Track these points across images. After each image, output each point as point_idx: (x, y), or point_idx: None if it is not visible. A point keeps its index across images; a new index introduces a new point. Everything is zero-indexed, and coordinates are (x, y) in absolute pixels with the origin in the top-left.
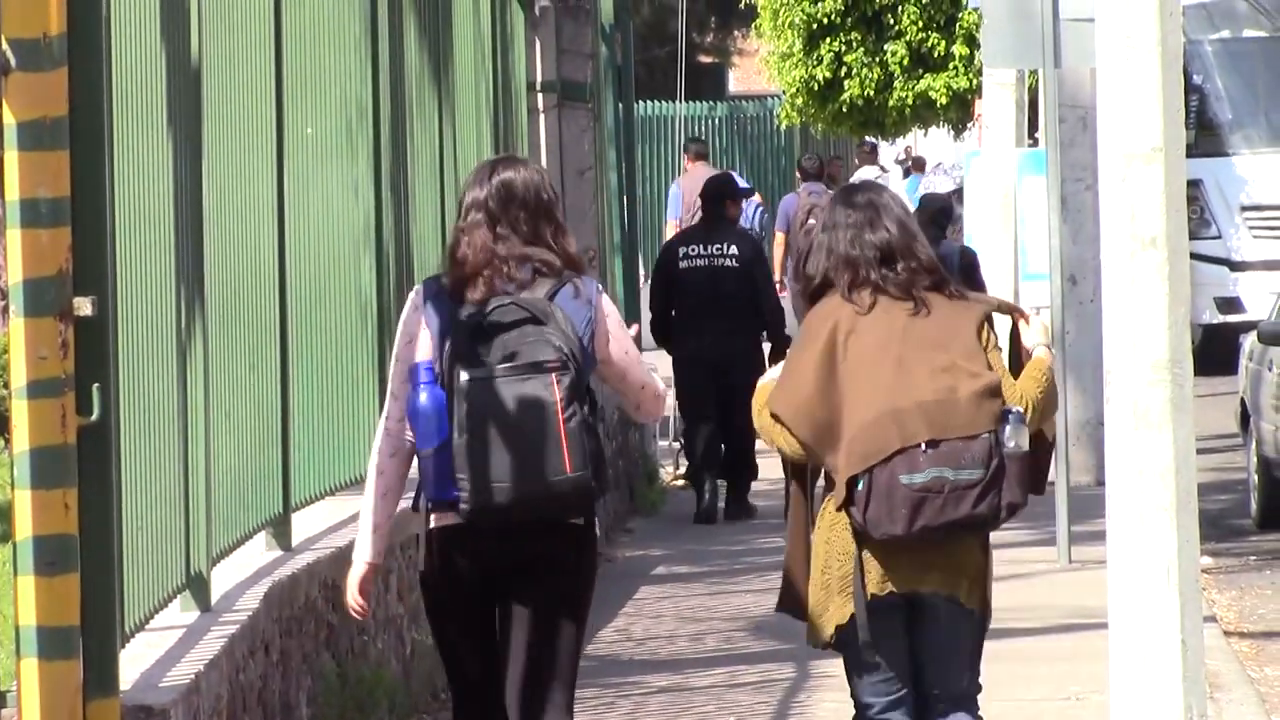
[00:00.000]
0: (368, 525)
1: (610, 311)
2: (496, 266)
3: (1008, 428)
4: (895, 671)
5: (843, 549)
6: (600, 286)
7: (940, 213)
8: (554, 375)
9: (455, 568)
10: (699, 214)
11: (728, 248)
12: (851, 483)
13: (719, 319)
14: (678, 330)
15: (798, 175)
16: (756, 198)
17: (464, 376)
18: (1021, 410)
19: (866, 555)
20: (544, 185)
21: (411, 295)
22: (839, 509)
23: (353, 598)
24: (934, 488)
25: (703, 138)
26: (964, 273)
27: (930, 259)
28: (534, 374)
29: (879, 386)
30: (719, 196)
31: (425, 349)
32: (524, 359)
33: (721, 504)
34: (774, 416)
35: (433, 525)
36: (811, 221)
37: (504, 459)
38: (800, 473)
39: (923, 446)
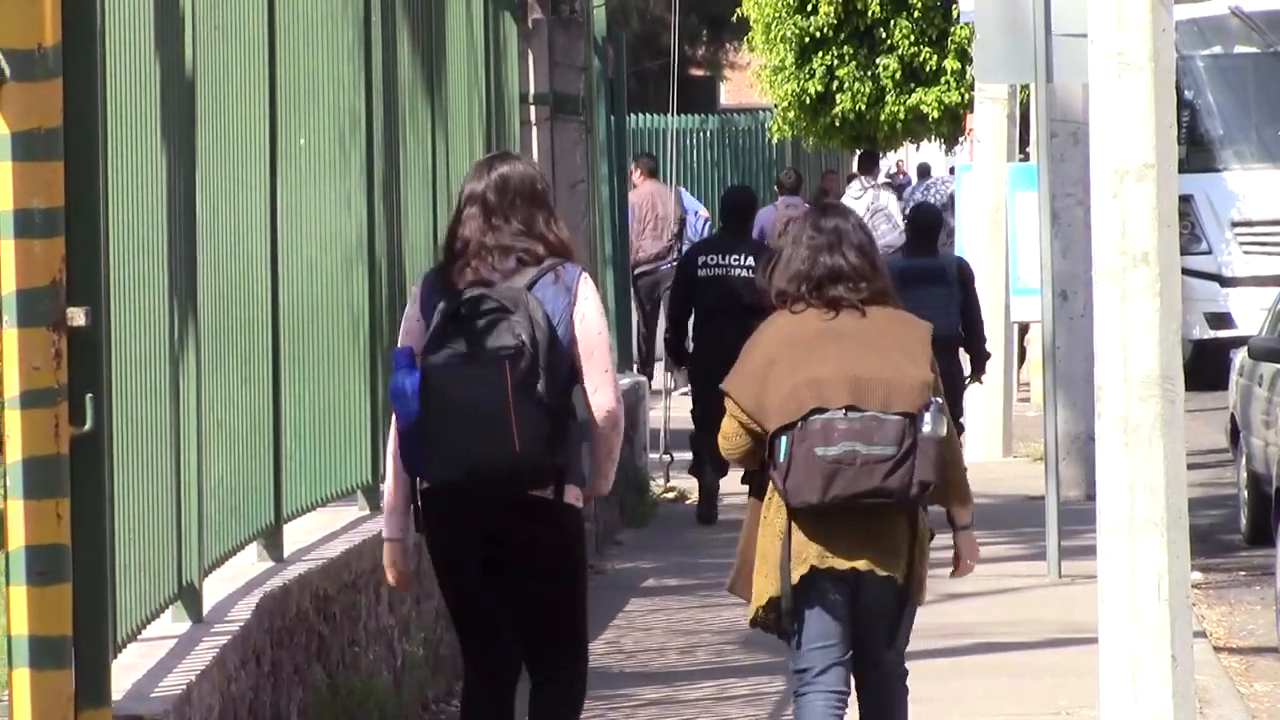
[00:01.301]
0: (388, 505)
1: (588, 295)
2: (483, 257)
3: (928, 414)
4: (832, 639)
5: (780, 530)
6: (585, 273)
7: (931, 224)
8: (508, 361)
9: (439, 531)
10: (650, 228)
11: (745, 258)
12: (773, 442)
13: (733, 328)
14: (696, 338)
15: (776, 189)
16: (704, 211)
17: (430, 360)
18: (943, 403)
19: (805, 532)
20: (538, 177)
21: (417, 283)
22: (770, 471)
23: (389, 575)
24: (846, 460)
25: (653, 153)
26: (961, 285)
27: (885, 285)
28: (491, 360)
29: (810, 361)
30: (740, 209)
31: (407, 334)
32: (484, 345)
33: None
34: (724, 395)
35: (418, 491)
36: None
37: (460, 436)
38: (752, 474)
39: (841, 413)
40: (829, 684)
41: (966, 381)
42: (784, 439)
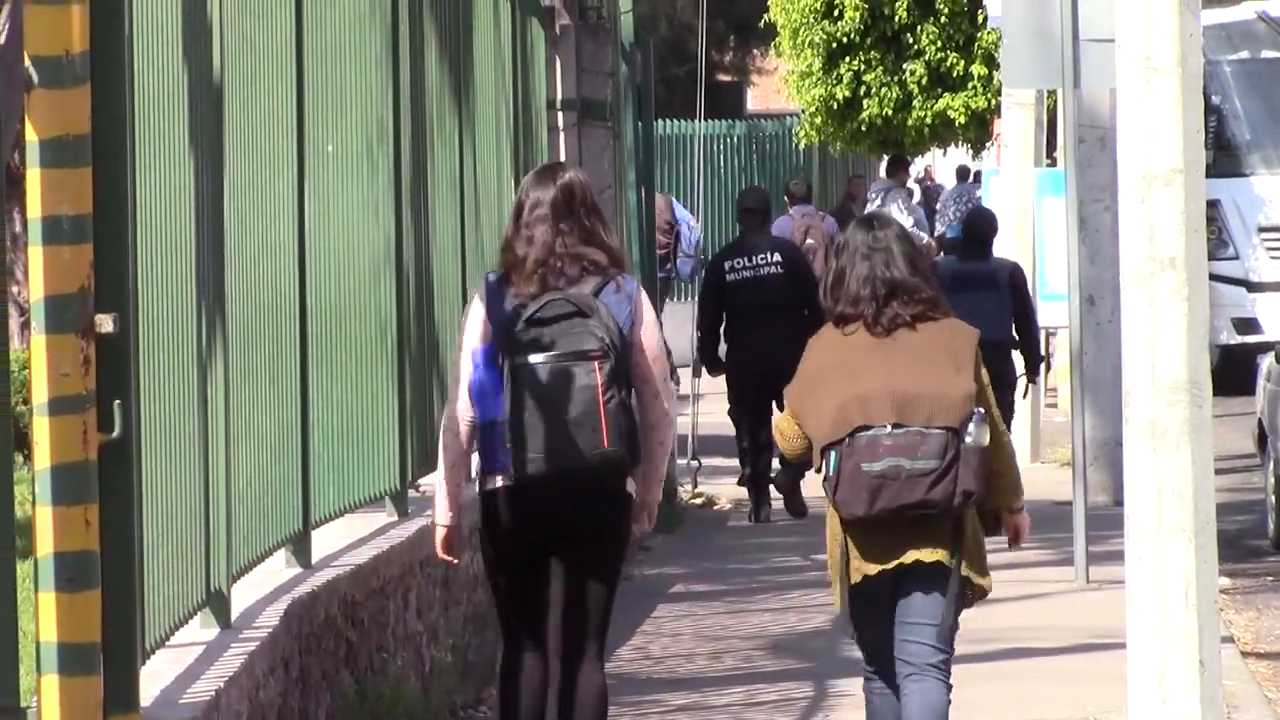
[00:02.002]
0: (441, 493)
1: (646, 304)
2: (551, 264)
3: (971, 425)
4: (881, 646)
5: (835, 532)
6: (638, 282)
7: (985, 229)
8: (596, 362)
9: (503, 526)
10: None
11: (771, 256)
12: (824, 455)
13: (765, 330)
14: (730, 340)
15: (786, 199)
16: (694, 221)
17: (516, 362)
18: (984, 412)
19: (856, 540)
20: (592, 188)
21: (476, 290)
22: (823, 481)
23: (440, 555)
24: (891, 474)
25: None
26: (1013, 288)
27: (933, 295)
28: (579, 361)
29: (858, 378)
30: (758, 209)
31: (485, 336)
32: (570, 348)
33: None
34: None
35: (486, 489)
36: (810, 241)
37: (548, 435)
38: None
39: (886, 428)
40: (889, 676)
41: (1019, 381)
42: (833, 454)
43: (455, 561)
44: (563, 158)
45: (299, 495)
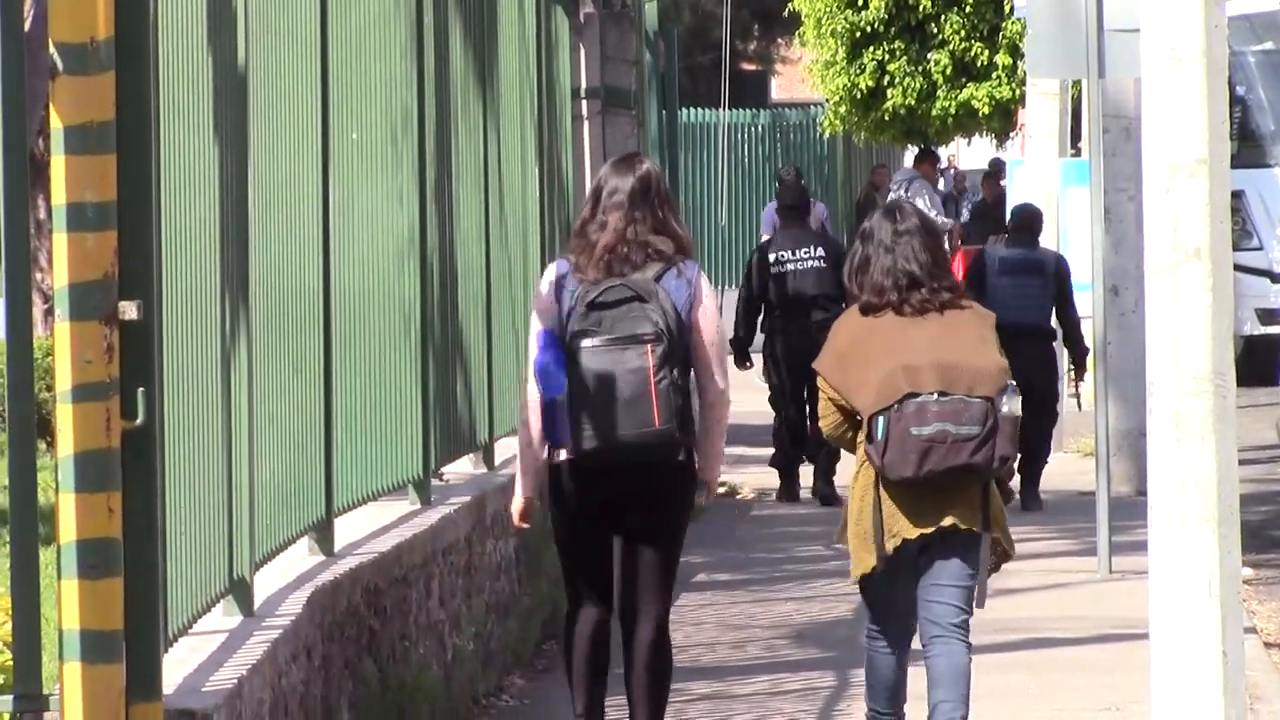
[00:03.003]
0: (522, 464)
1: (706, 289)
2: (619, 251)
3: (1005, 396)
4: (904, 605)
5: (866, 499)
6: (700, 268)
7: (1032, 219)
8: (649, 345)
9: (567, 497)
10: None
11: (815, 249)
12: (871, 422)
13: (806, 319)
14: (771, 330)
15: (777, 185)
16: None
17: (578, 343)
18: (1016, 384)
19: (893, 503)
20: (664, 179)
21: (546, 271)
22: (867, 446)
23: (518, 524)
24: (938, 439)
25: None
26: (1057, 280)
27: (952, 281)
28: (633, 344)
29: (899, 350)
30: (800, 204)
31: (549, 319)
32: (626, 331)
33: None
34: (815, 372)
35: (552, 462)
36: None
37: (605, 412)
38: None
39: (934, 396)
40: (895, 636)
41: (1072, 376)
42: (881, 419)
43: (527, 526)
44: (586, 146)
45: (322, 483)
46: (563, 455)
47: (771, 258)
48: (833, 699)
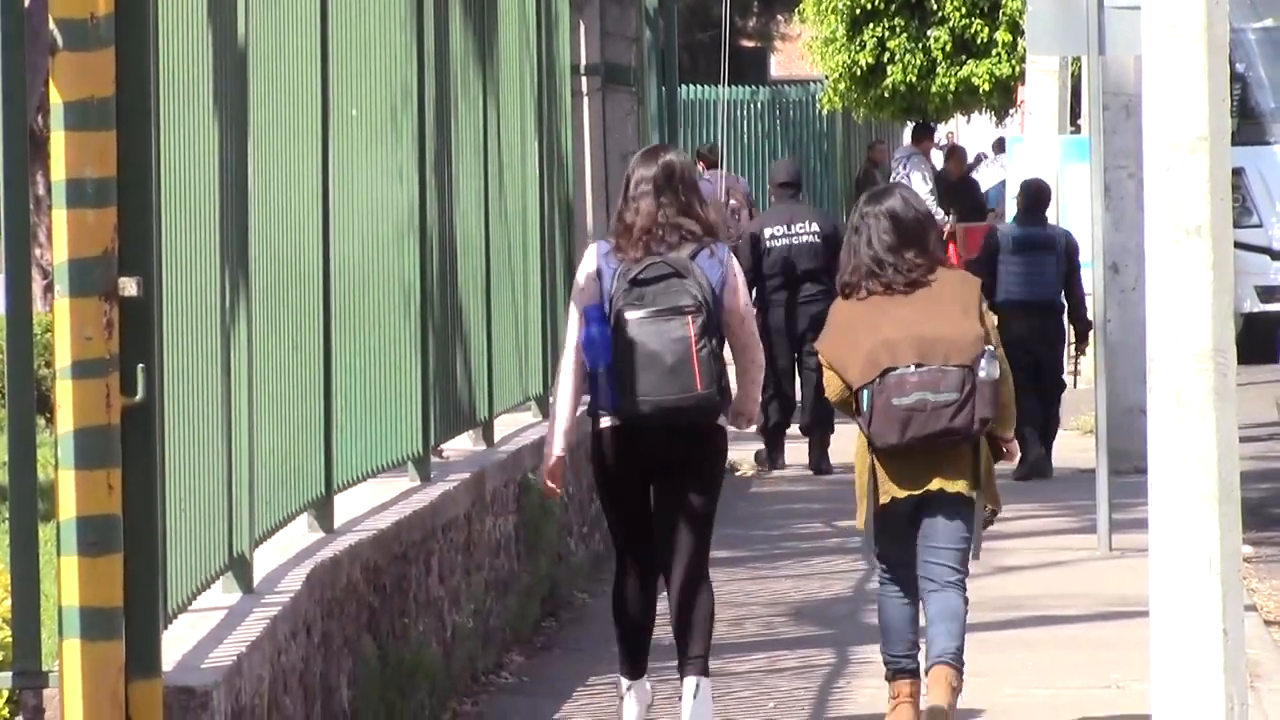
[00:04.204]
0: (556, 427)
1: (737, 270)
2: (654, 232)
3: (983, 361)
4: (906, 555)
5: (863, 462)
6: (730, 249)
7: (1041, 195)
8: (690, 317)
9: (612, 460)
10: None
11: (809, 225)
12: (857, 395)
13: (799, 296)
14: (762, 305)
15: (701, 165)
16: None
17: (624, 316)
18: (993, 350)
19: (886, 468)
20: (691, 167)
21: (588, 252)
22: (857, 418)
23: (546, 484)
24: (918, 407)
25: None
26: (1067, 257)
27: (935, 255)
28: (675, 315)
29: (881, 327)
30: (794, 182)
31: (593, 296)
32: (668, 304)
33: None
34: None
35: (600, 426)
36: (733, 202)
37: (650, 379)
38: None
39: (911, 368)
40: (903, 582)
41: (1072, 352)
42: (866, 392)
43: (557, 490)
44: (586, 123)
45: (321, 460)
46: (606, 422)
47: (766, 233)
48: (831, 676)
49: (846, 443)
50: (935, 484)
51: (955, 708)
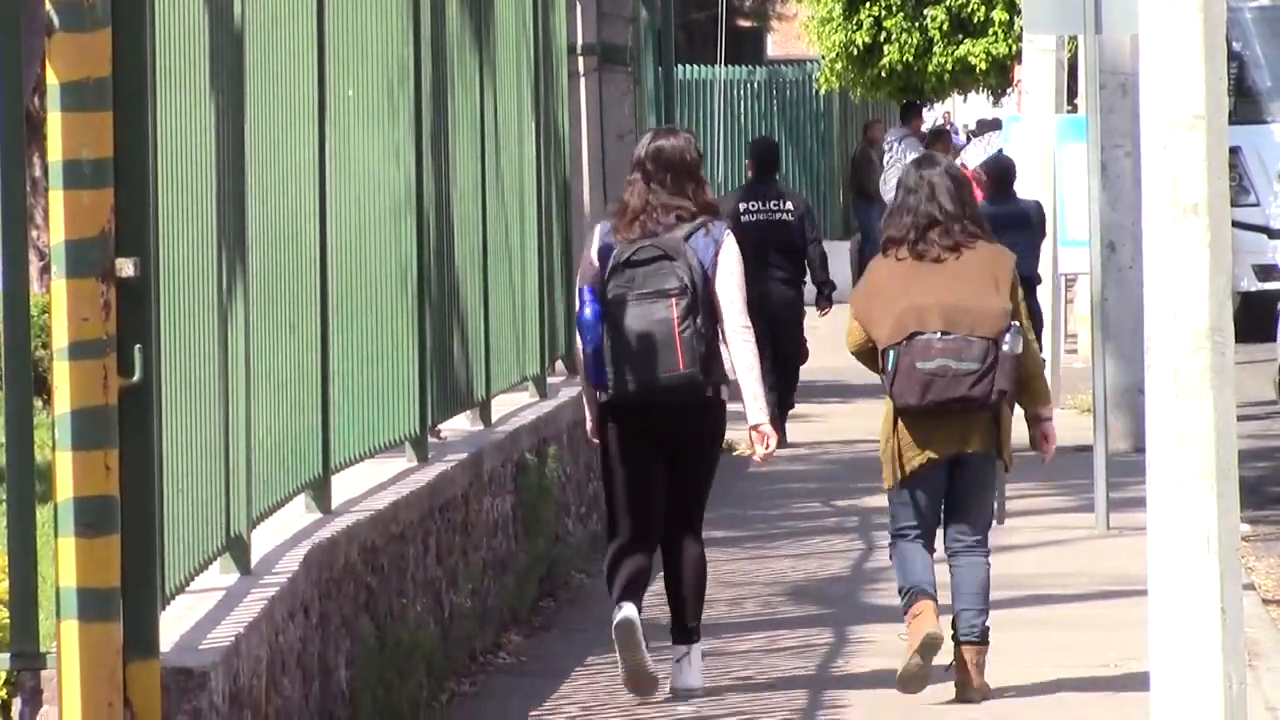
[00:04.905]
0: (588, 399)
1: (729, 246)
2: (649, 212)
3: (1007, 336)
4: (927, 515)
5: (889, 424)
6: (729, 229)
7: (1006, 173)
8: (674, 299)
9: (610, 432)
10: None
11: (783, 203)
12: (884, 355)
13: (770, 269)
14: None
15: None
16: None
17: (613, 298)
18: (1019, 326)
19: (910, 429)
20: (688, 150)
21: (593, 232)
22: (882, 376)
23: (592, 440)
24: (939, 373)
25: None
26: (1041, 228)
27: (975, 225)
28: (660, 298)
29: (912, 293)
30: (771, 160)
31: (591, 277)
32: (654, 287)
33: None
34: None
35: (597, 402)
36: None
37: (637, 358)
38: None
39: (937, 335)
40: (921, 533)
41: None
42: (892, 353)
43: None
44: (583, 103)
45: (319, 440)
46: (602, 398)
47: (741, 208)
48: (830, 655)
49: (824, 424)
50: (960, 448)
51: (987, 688)
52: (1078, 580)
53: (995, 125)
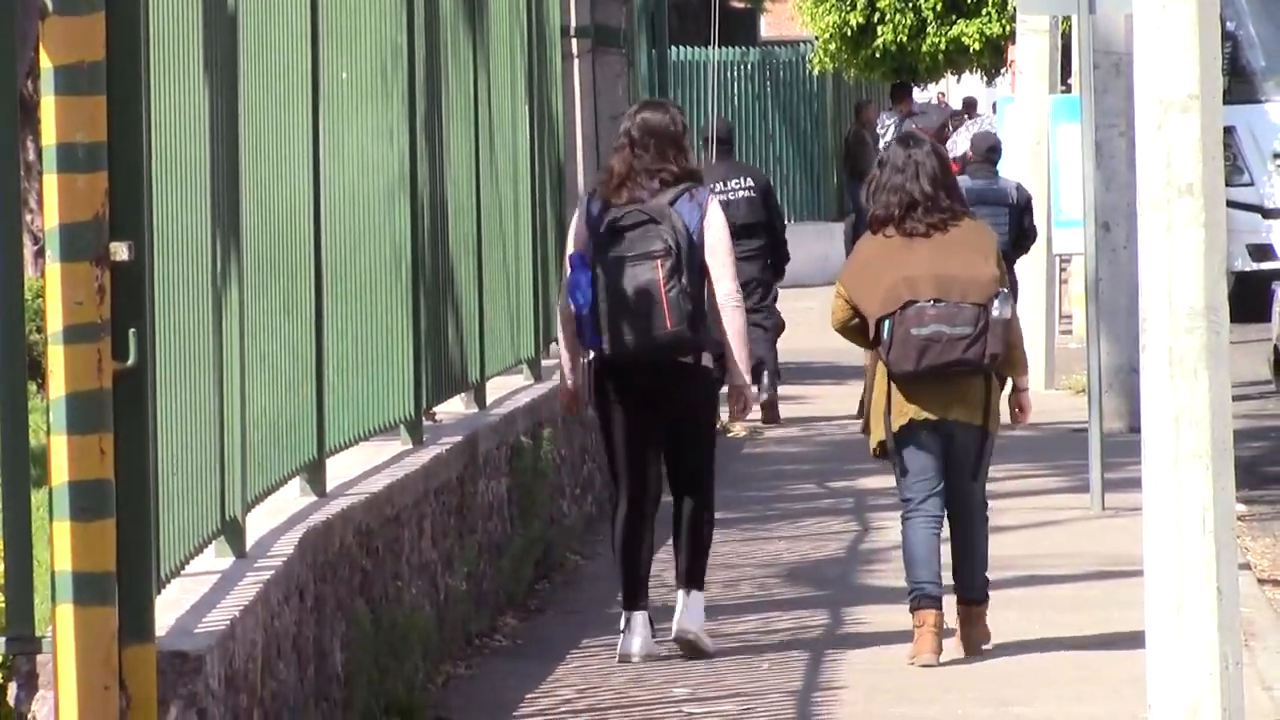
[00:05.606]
0: (565, 365)
1: (715, 210)
2: (634, 177)
3: (996, 301)
4: (929, 473)
5: (881, 389)
6: (713, 194)
7: (991, 151)
8: (659, 260)
9: (606, 391)
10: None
11: (745, 180)
12: (879, 325)
13: (736, 247)
14: None
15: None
16: None
17: (602, 261)
18: (1008, 292)
19: (903, 393)
20: (672, 120)
21: (579, 202)
22: (875, 347)
23: (564, 412)
24: (934, 338)
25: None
26: (1022, 208)
27: (960, 203)
28: (646, 260)
29: (903, 265)
30: (728, 139)
31: (580, 242)
32: (641, 249)
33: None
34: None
35: (590, 362)
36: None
37: (626, 318)
38: (864, 340)
39: (930, 302)
40: (928, 510)
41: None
42: (887, 323)
43: (573, 410)
44: (576, 85)
45: (313, 423)
46: (594, 361)
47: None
48: (824, 637)
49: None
50: (951, 414)
51: (988, 634)
52: (1073, 561)
53: (972, 105)
